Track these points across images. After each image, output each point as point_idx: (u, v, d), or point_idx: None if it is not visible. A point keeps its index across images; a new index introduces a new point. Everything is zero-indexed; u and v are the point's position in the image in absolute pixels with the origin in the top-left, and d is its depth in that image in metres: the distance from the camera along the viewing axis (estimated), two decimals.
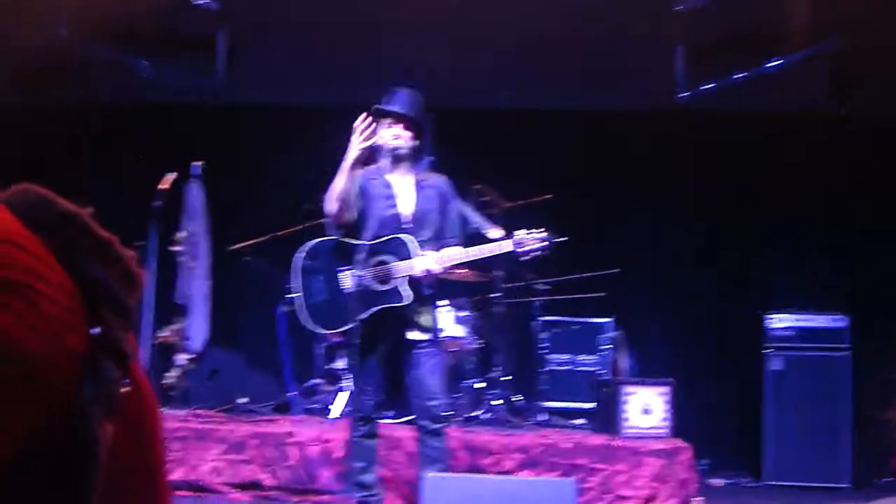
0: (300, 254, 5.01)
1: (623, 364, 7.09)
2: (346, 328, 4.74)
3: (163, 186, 6.70)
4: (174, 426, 6.26)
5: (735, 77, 7.03)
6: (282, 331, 6.13)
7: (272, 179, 8.61)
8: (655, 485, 5.93)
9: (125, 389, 0.69)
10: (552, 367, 7.74)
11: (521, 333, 7.64)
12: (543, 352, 7.62)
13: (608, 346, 7.78)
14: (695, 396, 7.68)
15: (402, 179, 4.99)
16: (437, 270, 4.75)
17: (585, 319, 7.91)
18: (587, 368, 7.79)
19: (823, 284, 8.08)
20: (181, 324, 7.06)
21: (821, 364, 7.37)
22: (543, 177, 8.04)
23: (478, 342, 7.29)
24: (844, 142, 8.08)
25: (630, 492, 5.94)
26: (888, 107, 7.43)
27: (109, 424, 0.68)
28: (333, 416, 6.75)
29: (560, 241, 4.87)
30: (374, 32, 7.40)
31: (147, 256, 6.80)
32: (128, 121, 8.69)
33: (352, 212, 4.81)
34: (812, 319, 7.48)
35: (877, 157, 8.08)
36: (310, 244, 5.05)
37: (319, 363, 7.46)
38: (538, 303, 7.67)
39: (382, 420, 5.29)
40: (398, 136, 4.89)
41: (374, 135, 4.63)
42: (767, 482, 7.26)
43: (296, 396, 6.62)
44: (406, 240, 4.79)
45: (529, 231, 4.84)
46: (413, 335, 4.85)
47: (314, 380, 7.40)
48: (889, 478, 7.39)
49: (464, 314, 7.18)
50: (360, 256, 4.54)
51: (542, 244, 4.82)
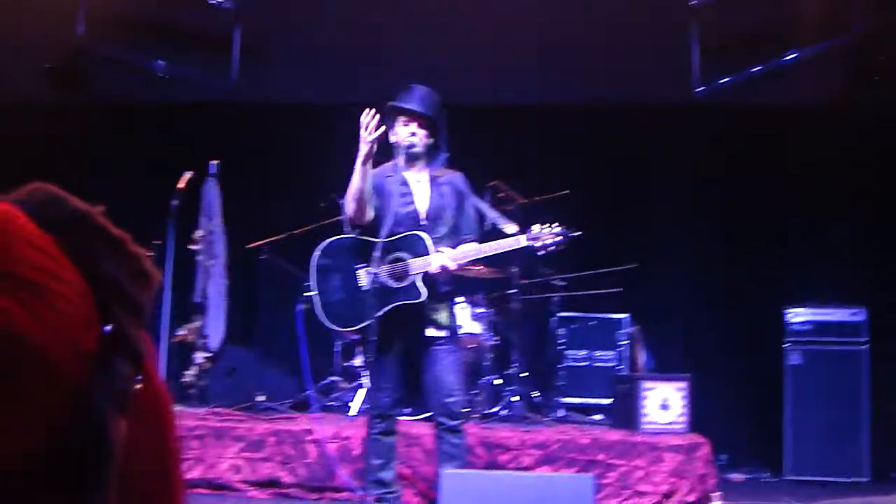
0: (316, 252, 5.03)
1: (640, 359, 7.07)
2: (363, 326, 4.74)
3: (179, 185, 6.73)
4: (193, 424, 6.29)
5: (752, 70, 7.01)
6: (300, 328, 6.13)
7: (288, 177, 8.64)
8: (674, 480, 5.91)
9: (138, 386, 0.70)
10: (570, 363, 7.74)
11: (539, 329, 7.64)
12: (561, 348, 7.62)
13: (625, 342, 7.77)
14: (713, 391, 7.65)
15: (418, 176, 4.98)
16: (453, 267, 4.73)
17: (603, 315, 7.90)
18: (605, 364, 7.79)
19: (842, 278, 8.03)
20: (199, 322, 7.08)
21: (839, 358, 7.32)
22: (560, 173, 8.03)
23: (495, 339, 7.30)
24: (863, 135, 8.03)
25: (648, 487, 5.92)
26: None
27: (123, 421, 0.68)
28: (352, 414, 6.76)
29: (575, 236, 4.85)
30: (390, 30, 7.41)
31: (165, 255, 6.82)
32: (144, 120, 8.73)
33: (369, 212, 4.79)
34: (830, 313, 7.44)
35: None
36: (325, 242, 5.05)
37: (337, 361, 7.48)
38: (555, 299, 7.67)
39: (400, 417, 5.29)
40: (413, 134, 4.89)
41: (381, 127, 4.60)
42: (787, 477, 7.23)
43: (314, 394, 6.62)
44: (422, 237, 4.79)
45: (544, 226, 4.83)
46: (431, 332, 4.84)
47: (332, 377, 7.42)
48: None
49: (481, 311, 7.18)
50: (376, 254, 4.53)
51: (558, 239, 4.80)
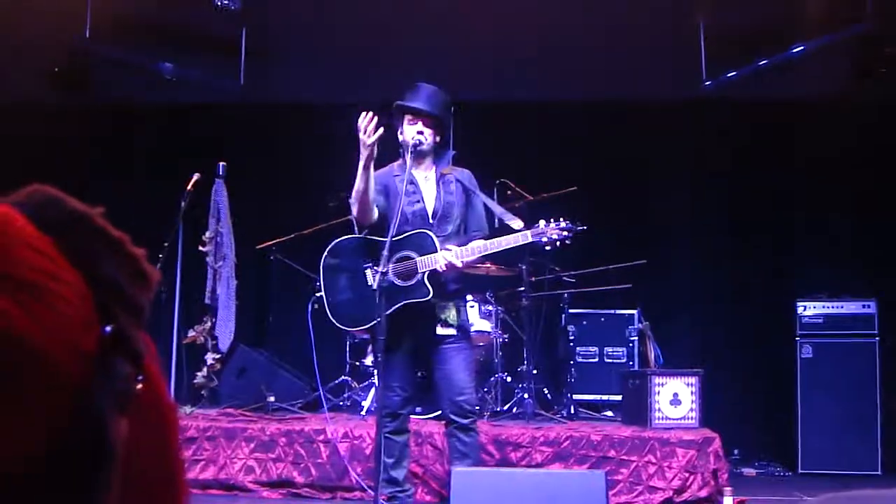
0: (325, 253, 5.04)
1: (651, 355, 7.05)
2: (371, 325, 4.75)
3: (188, 187, 6.74)
4: (204, 425, 6.31)
5: (759, 64, 6.99)
6: (310, 328, 6.15)
7: (296, 178, 8.65)
8: (686, 475, 5.91)
9: (139, 386, 0.70)
10: (580, 360, 7.75)
11: (549, 326, 7.62)
12: (571, 344, 7.62)
13: (635, 338, 7.77)
14: (724, 386, 7.65)
15: (426, 174, 4.99)
16: (460, 264, 4.74)
17: (612, 311, 7.90)
18: (615, 360, 7.79)
19: (851, 271, 8.00)
20: (209, 323, 7.10)
21: (851, 351, 7.30)
22: (567, 170, 8.03)
23: (505, 336, 7.30)
24: (871, 127, 8.01)
25: (661, 483, 5.92)
26: None
27: (124, 421, 0.68)
28: (364, 413, 6.77)
29: (581, 231, 4.84)
30: (396, 29, 7.41)
31: (174, 257, 6.84)
32: (151, 122, 8.75)
33: (373, 213, 4.81)
34: (841, 306, 7.42)
35: None
36: (333, 243, 5.07)
37: (348, 360, 7.49)
38: (565, 296, 7.67)
39: (412, 415, 5.29)
40: (420, 132, 4.89)
41: (379, 129, 4.59)
42: (799, 471, 7.22)
43: (324, 394, 6.63)
44: (429, 235, 4.79)
45: (550, 221, 4.83)
46: (440, 330, 4.85)
47: (343, 377, 7.43)
48: None
49: (491, 308, 7.18)
50: (384, 253, 4.53)
51: (564, 234, 4.80)
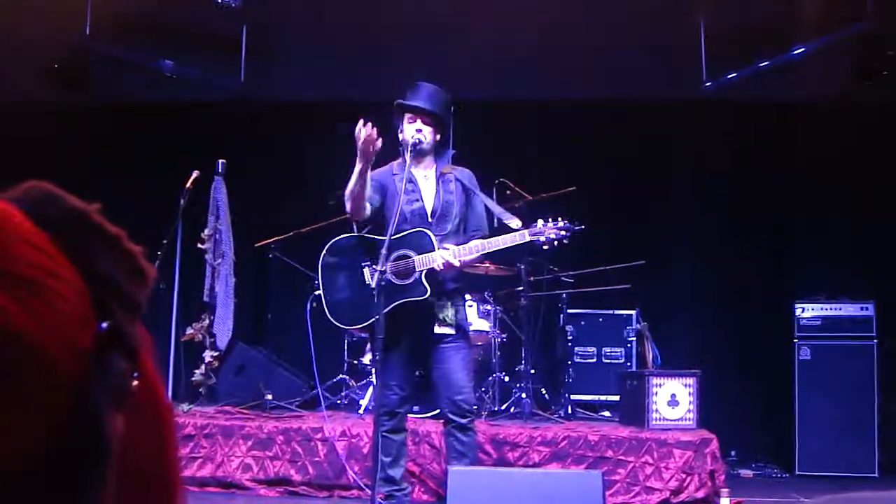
0: (323, 251, 5.05)
1: (649, 355, 7.06)
2: (368, 323, 4.76)
3: (187, 185, 6.74)
4: (202, 423, 6.31)
5: (760, 65, 6.99)
6: (308, 327, 6.15)
7: (296, 176, 8.65)
8: (683, 476, 5.91)
9: (135, 383, 0.70)
10: (578, 360, 7.75)
11: (547, 326, 7.62)
12: (569, 344, 7.61)
13: (634, 338, 7.77)
14: (721, 387, 7.65)
15: (425, 173, 5.00)
16: (457, 264, 4.74)
17: (611, 311, 7.90)
18: (613, 360, 7.79)
19: (850, 273, 8.00)
20: (207, 321, 7.09)
21: (849, 353, 7.31)
22: (567, 168, 8.03)
23: (503, 336, 7.30)
24: (872, 128, 8.01)
25: (658, 483, 5.92)
26: None
27: (120, 417, 0.68)
28: (362, 412, 6.77)
29: (579, 230, 4.85)
30: (396, 28, 7.40)
31: (173, 254, 6.83)
32: (151, 120, 8.74)
33: (364, 210, 4.82)
34: (839, 308, 7.42)
35: None
36: (332, 241, 5.07)
37: (346, 358, 7.49)
38: (563, 296, 7.67)
39: (409, 414, 5.29)
40: (419, 130, 4.90)
41: (376, 140, 4.59)
42: (797, 472, 7.22)
43: (322, 392, 6.64)
44: (427, 234, 4.79)
45: (548, 221, 4.83)
46: (439, 329, 4.85)
47: (341, 375, 7.43)
48: None
49: (489, 308, 7.18)
50: (382, 252, 4.53)
51: (562, 233, 4.80)
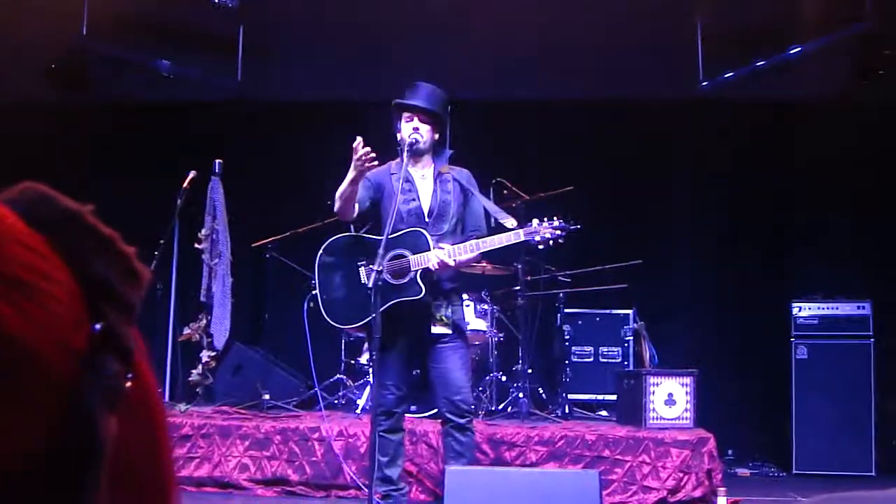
0: (320, 250, 5.05)
1: (646, 355, 7.06)
2: (363, 323, 4.76)
3: (184, 185, 6.74)
4: (199, 423, 6.31)
5: (757, 65, 7.00)
6: (305, 326, 6.15)
7: (293, 176, 8.65)
8: (680, 475, 5.91)
9: (128, 384, 0.70)
10: (575, 359, 7.75)
11: (544, 326, 7.63)
12: (566, 344, 7.61)
13: (631, 338, 7.77)
14: (719, 386, 7.66)
15: (423, 173, 4.99)
16: (452, 263, 4.73)
17: (608, 311, 7.90)
18: (610, 360, 7.80)
19: (847, 273, 8.01)
20: (204, 321, 7.09)
21: (845, 352, 7.31)
22: (567, 168, 8.03)
23: (500, 335, 7.30)
24: (871, 127, 8.02)
25: (655, 483, 5.92)
26: None
27: (113, 419, 0.68)
28: (359, 411, 6.77)
29: (574, 230, 4.85)
30: (395, 27, 7.40)
31: (170, 254, 6.83)
32: (147, 120, 8.74)
33: (352, 212, 4.84)
34: (836, 307, 7.42)
35: None
36: (329, 241, 5.08)
37: (343, 358, 7.49)
38: (561, 295, 7.67)
39: (407, 414, 5.29)
40: (416, 130, 4.89)
41: (372, 161, 4.60)
42: (794, 471, 7.23)
43: (320, 392, 6.64)
44: (423, 233, 4.79)
45: (543, 220, 4.82)
46: (436, 329, 4.85)
47: (338, 375, 7.43)
48: None
49: (486, 307, 7.18)
50: (379, 251, 4.54)
51: (557, 232, 4.80)
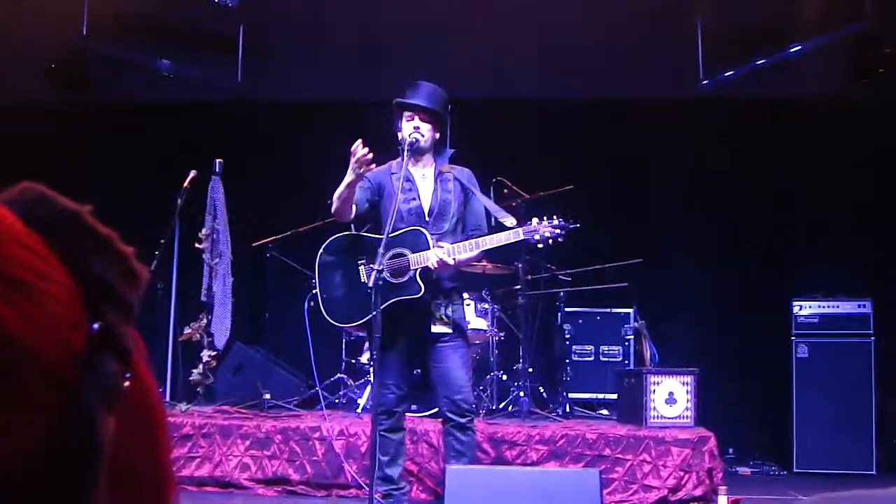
0: (320, 249, 5.05)
1: (647, 354, 7.06)
2: (363, 321, 4.77)
3: (184, 184, 6.74)
4: (200, 423, 6.31)
5: (757, 63, 6.99)
6: (306, 326, 6.16)
7: (293, 175, 8.65)
8: (681, 474, 5.91)
9: (126, 384, 0.70)
10: (576, 358, 7.75)
11: (545, 325, 7.63)
12: (567, 343, 7.61)
13: (631, 336, 7.77)
14: (719, 385, 7.66)
15: (423, 172, 4.99)
16: (451, 262, 4.73)
17: (608, 310, 7.90)
18: (611, 359, 7.80)
19: (848, 271, 8.01)
20: (205, 321, 7.09)
21: (846, 350, 7.31)
22: (567, 168, 8.03)
23: (501, 334, 7.30)
24: (871, 127, 8.02)
25: (655, 482, 5.92)
26: None
27: (111, 419, 0.68)
28: (360, 411, 6.77)
29: (574, 228, 4.84)
30: (393, 29, 7.40)
31: (170, 254, 6.83)
32: (148, 119, 8.74)
33: (349, 213, 4.85)
34: (836, 306, 7.42)
35: None
36: (329, 240, 5.08)
37: (344, 357, 7.49)
38: (561, 294, 7.67)
39: (407, 413, 5.29)
40: (417, 129, 4.89)
41: (370, 164, 4.61)
42: (795, 470, 7.23)
43: (320, 391, 6.64)
44: (422, 232, 4.79)
45: (543, 219, 4.82)
46: (436, 328, 4.85)
47: (339, 374, 7.43)
48: None
49: (487, 306, 7.18)
50: (379, 250, 4.54)
51: (556, 231, 4.79)
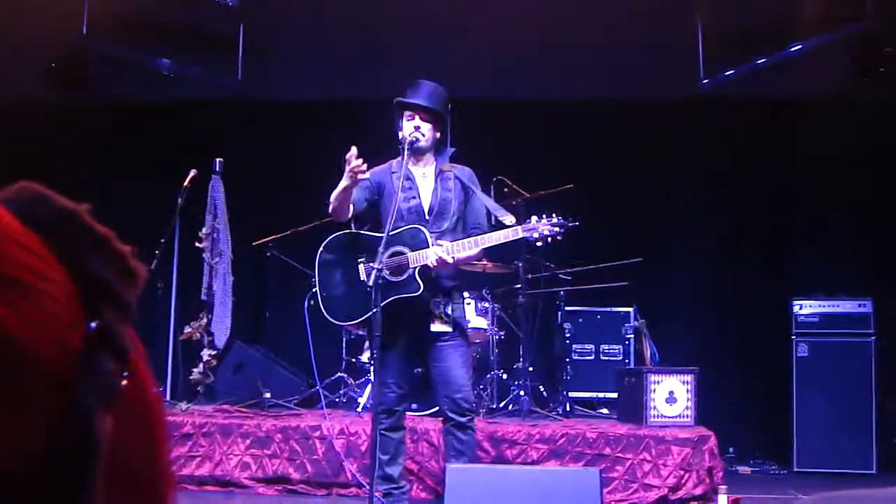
0: (320, 248, 5.06)
1: (647, 353, 7.06)
2: (362, 319, 4.77)
3: (184, 184, 6.75)
4: (200, 422, 6.31)
5: (757, 63, 6.99)
6: (306, 325, 6.16)
7: (293, 174, 8.64)
8: (681, 473, 5.91)
9: (124, 382, 0.70)
10: (576, 357, 7.75)
11: (545, 324, 7.63)
12: (567, 342, 7.61)
13: (632, 335, 7.77)
14: (719, 384, 7.65)
15: (424, 171, 4.99)
16: (451, 260, 4.73)
17: (609, 309, 7.90)
18: (611, 358, 7.80)
19: (849, 271, 8.01)
20: (205, 320, 7.09)
21: (846, 350, 7.31)
22: (567, 167, 8.02)
23: (501, 333, 7.30)
24: (871, 127, 8.01)
25: (655, 480, 5.92)
26: None
27: (109, 418, 0.68)
28: (360, 410, 6.77)
29: (573, 226, 4.84)
30: (396, 26, 7.40)
31: (170, 253, 6.83)
32: (148, 119, 8.74)
33: (347, 214, 4.86)
34: (837, 305, 7.42)
35: None
36: (329, 238, 5.08)
37: (344, 356, 7.49)
38: (561, 293, 7.66)
39: (408, 412, 5.29)
40: (417, 128, 4.89)
41: (363, 172, 4.63)
42: (795, 469, 7.23)
43: (321, 390, 6.64)
44: (422, 230, 4.79)
45: (542, 217, 4.82)
46: (436, 327, 4.85)
47: (339, 373, 7.43)
48: None
49: (487, 305, 7.18)
50: (379, 249, 4.54)
51: (555, 229, 4.79)
